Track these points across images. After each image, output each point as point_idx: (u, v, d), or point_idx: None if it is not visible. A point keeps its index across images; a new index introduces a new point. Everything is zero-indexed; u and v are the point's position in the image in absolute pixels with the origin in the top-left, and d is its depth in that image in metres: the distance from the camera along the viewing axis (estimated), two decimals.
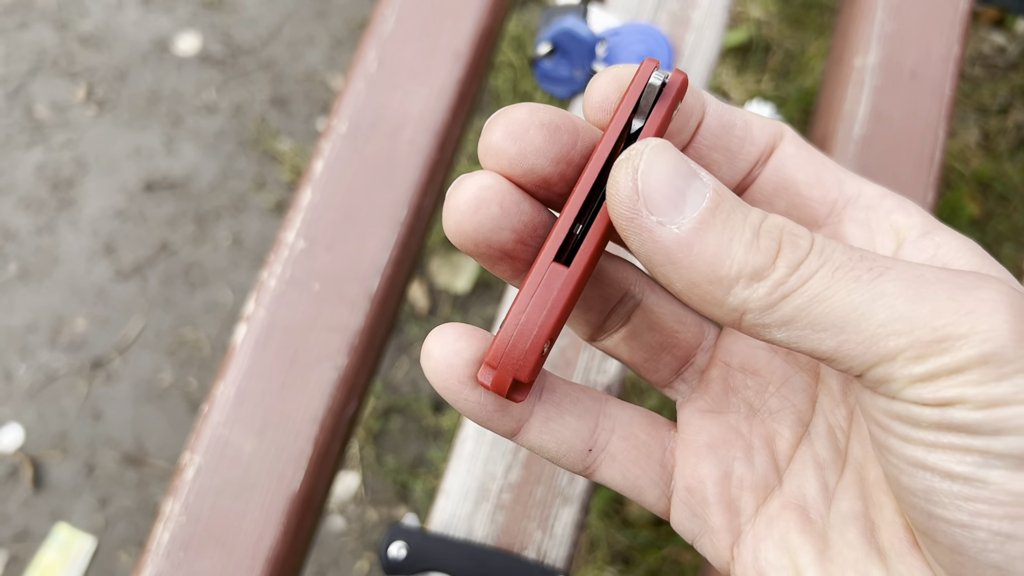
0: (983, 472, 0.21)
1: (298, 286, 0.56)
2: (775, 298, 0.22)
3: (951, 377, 0.20)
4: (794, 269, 0.22)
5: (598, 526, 1.22)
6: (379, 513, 1.28)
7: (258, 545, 0.50)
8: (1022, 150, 1.44)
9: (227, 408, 0.53)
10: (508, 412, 0.26)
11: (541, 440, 0.27)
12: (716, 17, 0.64)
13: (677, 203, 0.23)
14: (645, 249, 0.23)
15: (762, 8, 1.54)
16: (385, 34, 0.62)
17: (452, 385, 0.25)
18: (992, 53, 1.52)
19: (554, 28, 0.60)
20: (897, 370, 0.21)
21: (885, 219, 0.27)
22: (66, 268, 1.40)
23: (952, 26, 0.64)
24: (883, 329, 0.21)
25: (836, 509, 0.26)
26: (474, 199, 0.24)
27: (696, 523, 0.28)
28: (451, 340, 0.25)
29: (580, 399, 0.28)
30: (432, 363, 0.26)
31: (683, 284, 0.23)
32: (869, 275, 0.22)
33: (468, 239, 0.25)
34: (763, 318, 0.22)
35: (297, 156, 1.48)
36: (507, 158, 0.25)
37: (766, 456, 0.28)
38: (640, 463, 0.28)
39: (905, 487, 0.22)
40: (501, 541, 0.53)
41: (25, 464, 1.29)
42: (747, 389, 0.29)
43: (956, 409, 0.20)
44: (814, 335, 0.22)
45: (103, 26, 1.57)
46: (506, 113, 0.25)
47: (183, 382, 1.34)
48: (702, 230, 0.22)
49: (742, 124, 0.28)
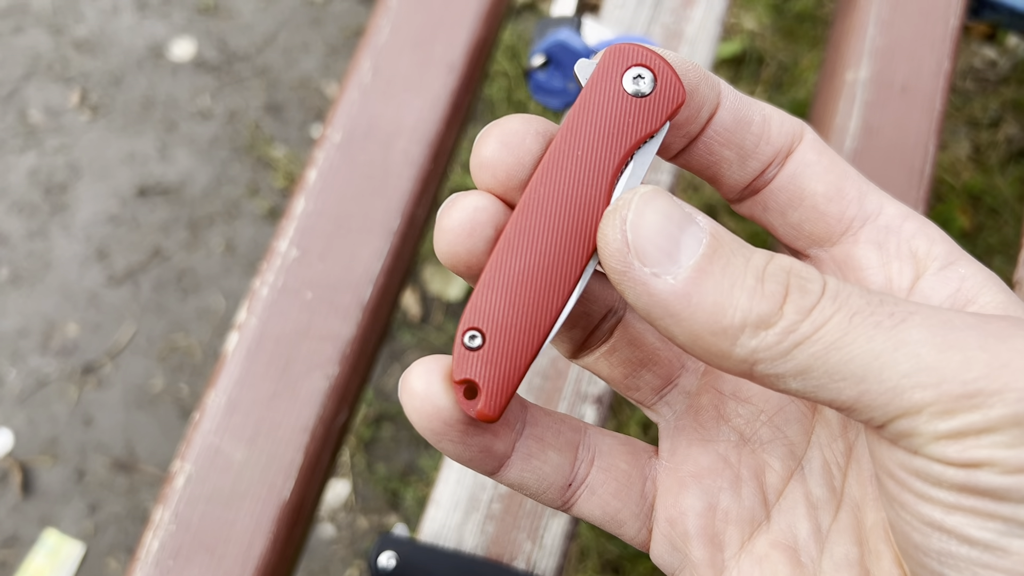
0: (1006, 541, 0.19)
1: (290, 295, 0.56)
2: (787, 346, 0.21)
3: (980, 437, 0.19)
4: (805, 315, 0.21)
5: (588, 535, 1.22)
6: (369, 521, 1.27)
7: (248, 554, 0.50)
8: (1013, 163, 1.45)
9: (218, 416, 0.53)
10: (492, 453, 0.25)
11: (521, 477, 0.26)
12: (709, 31, 0.65)
13: (671, 252, 0.21)
14: (642, 303, 0.22)
15: (756, 20, 1.55)
16: (380, 44, 0.62)
17: (437, 427, 0.24)
18: (983, 67, 1.53)
19: (548, 40, 0.60)
20: (921, 425, 0.19)
21: (906, 244, 0.25)
22: (58, 273, 1.40)
23: (943, 41, 0.65)
24: (907, 380, 0.19)
25: (829, 554, 0.25)
26: (468, 221, 0.23)
27: (676, 556, 0.27)
28: (438, 379, 0.24)
29: (561, 431, 0.27)
30: (416, 402, 0.24)
31: (686, 337, 0.21)
32: (891, 320, 0.20)
33: (461, 262, 0.24)
34: (776, 368, 0.21)
35: (291, 163, 1.48)
36: (504, 168, 0.24)
37: (754, 488, 0.26)
38: (620, 495, 0.27)
39: (916, 545, 0.21)
40: (491, 551, 0.53)
41: (14, 469, 1.29)
42: (738, 417, 0.27)
43: (983, 472, 0.19)
44: (832, 384, 0.20)
45: (98, 31, 1.57)
46: (499, 125, 0.24)
47: (174, 388, 1.34)
48: (699, 279, 0.21)
49: (760, 120, 0.26)
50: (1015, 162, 1.45)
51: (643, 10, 0.65)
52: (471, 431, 0.24)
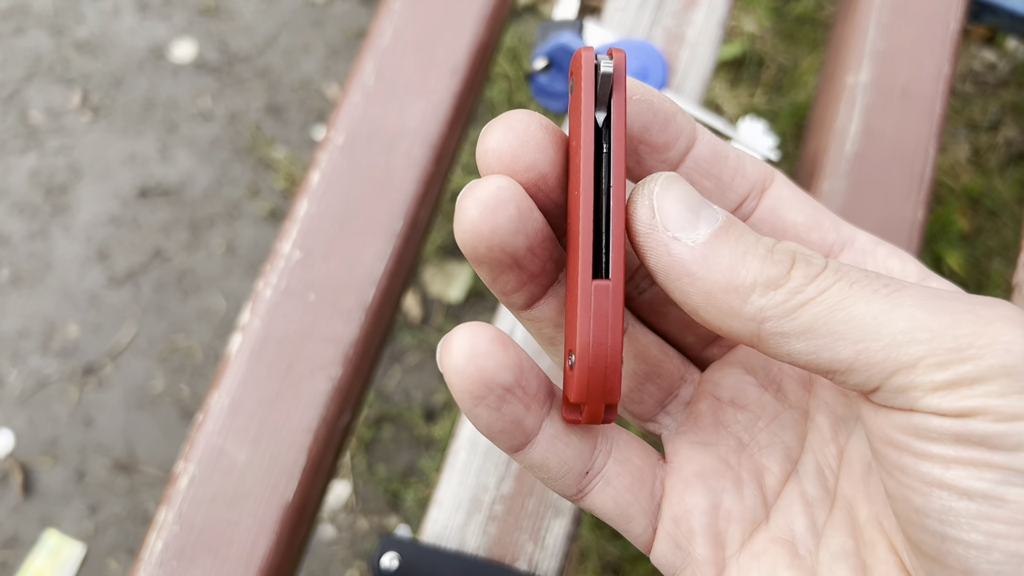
0: (1002, 490, 0.20)
1: (293, 296, 0.56)
2: (793, 305, 0.22)
3: (973, 387, 0.20)
4: (811, 280, 0.23)
5: (589, 537, 1.22)
6: (370, 522, 1.28)
7: (251, 554, 0.50)
8: (1012, 166, 1.45)
9: (221, 417, 0.53)
10: (522, 426, 0.25)
11: (544, 457, 0.26)
12: (711, 34, 0.65)
13: (692, 220, 0.24)
14: (662, 263, 0.24)
15: (756, 23, 1.55)
16: (383, 47, 0.62)
17: (477, 390, 0.24)
18: (983, 70, 1.53)
19: (550, 44, 0.60)
20: (918, 377, 0.21)
21: (882, 263, 0.28)
22: (59, 274, 1.40)
23: (943, 45, 0.65)
24: (903, 336, 0.21)
25: (826, 546, 0.26)
26: (493, 199, 0.23)
27: (679, 555, 0.27)
28: (484, 341, 0.24)
29: None
30: (458, 362, 0.24)
31: (700, 297, 0.23)
32: (887, 290, 0.22)
33: (483, 241, 0.24)
34: (782, 326, 0.23)
35: (292, 164, 1.48)
36: (510, 153, 0.24)
37: (755, 489, 0.28)
38: (633, 490, 0.27)
39: (918, 508, 0.22)
40: (493, 552, 0.53)
41: (15, 470, 1.29)
42: (736, 424, 0.29)
43: (977, 420, 0.20)
44: (833, 344, 0.22)
45: (99, 32, 1.57)
46: (504, 116, 0.25)
47: (175, 389, 1.34)
48: (716, 243, 0.24)
49: (735, 156, 0.28)
50: (1014, 165, 1.45)
51: (645, 13, 0.65)
52: (508, 398, 0.25)
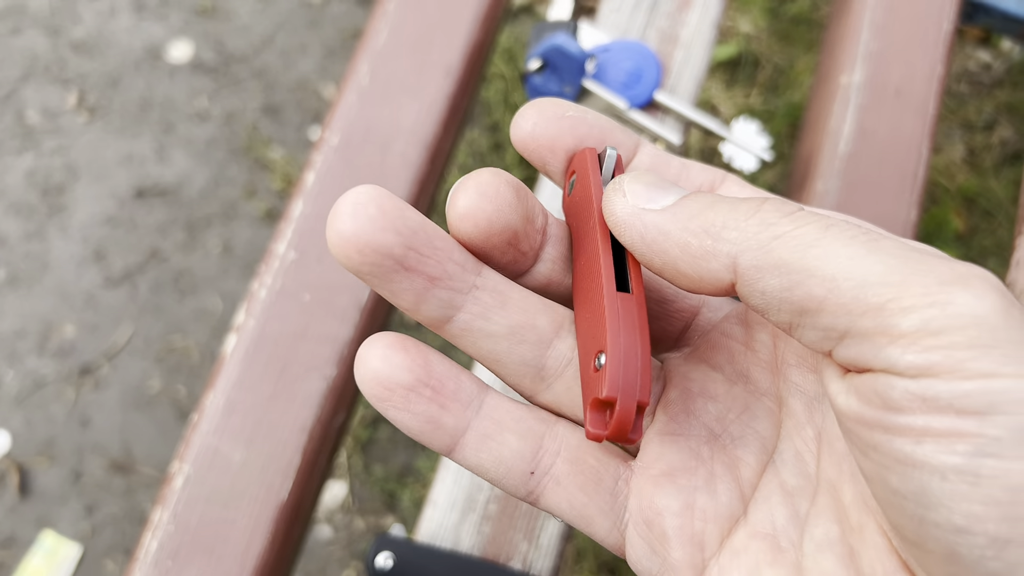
0: (976, 462, 0.19)
1: (288, 297, 0.56)
2: (767, 236, 0.22)
3: (938, 336, 0.19)
4: (784, 216, 0.23)
5: (584, 536, 1.22)
6: (366, 522, 1.28)
7: (246, 554, 0.51)
8: (1007, 166, 1.46)
9: (216, 418, 0.53)
10: (442, 425, 0.26)
11: (478, 458, 0.26)
12: (704, 35, 0.65)
13: (661, 193, 0.25)
14: (637, 232, 0.25)
15: (751, 23, 1.55)
16: (378, 48, 0.62)
17: (379, 392, 0.25)
18: (978, 70, 1.53)
19: (544, 44, 0.60)
20: (884, 319, 0.20)
21: None
22: (55, 274, 1.40)
23: (936, 46, 0.65)
24: (875, 277, 0.21)
25: (809, 536, 0.25)
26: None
27: (655, 560, 0.26)
28: (380, 347, 0.25)
29: (524, 418, 0.27)
30: (361, 373, 0.25)
31: (676, 248, 0.24)
32: (865, 236, 0.22)
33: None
34: (758, 259, 0.22)
35: (288, 164, 1.48)
36: (485, 216, 0.25)
37: (729, 484, 0.27)
38: (587, 490, 0.27)
39: (895, 490, 0.20)
40: (487, 552, 0.53)
41: (11, 470, 1.29)
42: (707, 413, 0.28)
43: (943, 381, 0.19)
44: (807, 279, 0.21)
45: (95, 33, 1.57)
46: (472, 177, 0.26)
47: (172, 389, 1.34)
48: (686, 200, 0.25)
49: (679, 164, 0.29)
50: (1009, 165, 1.46)
51: (639, 14, 0.66)
52: (413, 398, 0.25)
